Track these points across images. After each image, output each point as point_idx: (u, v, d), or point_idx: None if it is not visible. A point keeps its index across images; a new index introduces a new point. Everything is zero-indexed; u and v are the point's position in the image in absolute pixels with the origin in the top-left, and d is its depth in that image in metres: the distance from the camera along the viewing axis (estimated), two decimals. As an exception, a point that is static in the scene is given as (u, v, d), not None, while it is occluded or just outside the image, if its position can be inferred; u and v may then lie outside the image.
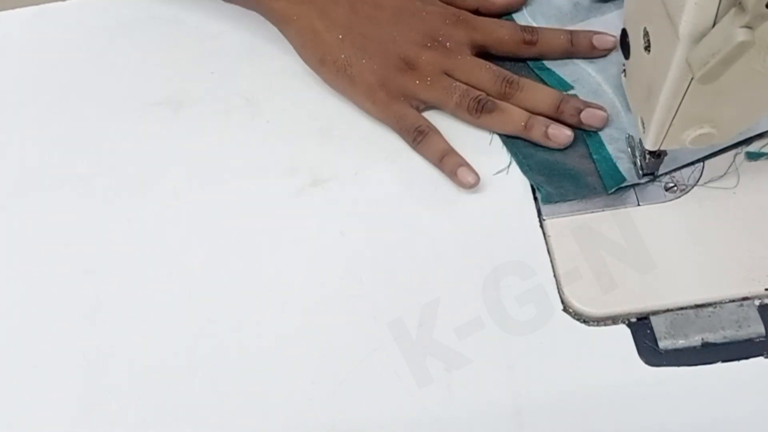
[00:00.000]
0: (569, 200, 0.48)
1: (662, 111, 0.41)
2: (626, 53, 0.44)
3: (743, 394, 0.41)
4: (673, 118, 0.41)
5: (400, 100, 0.52)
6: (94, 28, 0.60)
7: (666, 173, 0.48)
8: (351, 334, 0.44)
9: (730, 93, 0.39)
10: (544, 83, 0.52)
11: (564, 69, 0.53)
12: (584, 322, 0.44)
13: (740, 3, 0.33)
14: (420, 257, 0.47)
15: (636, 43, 0.42)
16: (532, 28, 0.53)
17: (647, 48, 0.41)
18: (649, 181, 0.48)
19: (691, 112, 0.40)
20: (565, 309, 0.45)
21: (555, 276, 0.46)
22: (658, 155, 0.46)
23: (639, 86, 0.43)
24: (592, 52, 0.53)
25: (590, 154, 0.49)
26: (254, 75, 0.56)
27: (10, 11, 0.61)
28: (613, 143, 0.49)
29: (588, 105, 0.50)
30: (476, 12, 0.55)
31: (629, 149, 0.49)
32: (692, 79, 0.37)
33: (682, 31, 0.36)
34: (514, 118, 0.50)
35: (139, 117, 0.54)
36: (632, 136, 0.48)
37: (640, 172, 0.48)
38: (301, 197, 0.50)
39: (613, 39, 0.52)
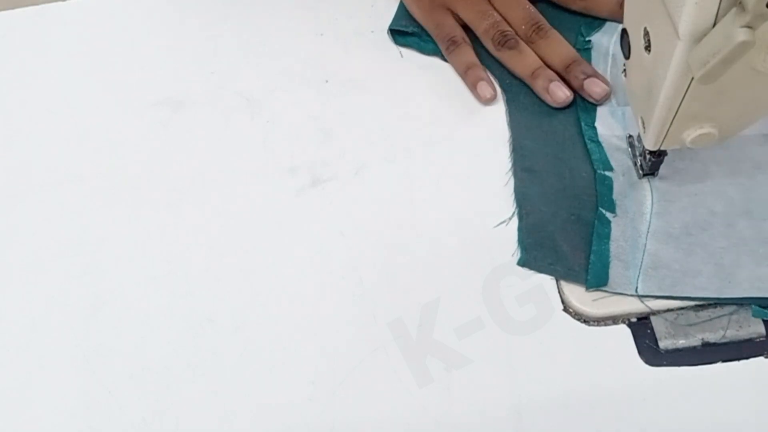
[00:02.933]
0: (541, 273, 0.45)
1: (662, 111, 0.41)
2: (626, 53, 0.44)
3: (743, 394, 0.41)
4: (674, 118, 0.41)
5: (441, 9, 0.55)
6: (94, 28, 0.60)
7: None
8: (351, 334, 0.44)
9: (731, 93, 0.39)
10: (588, 153, 0.49)
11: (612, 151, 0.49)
12: (584, 322, 0.44)
13: (740, 3, 0.33)
14: (420, 257, 0.47)
15: (636, 43, 0.42)
16: None
17: (647, 48, 0.41)
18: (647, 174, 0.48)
19: (691, 112, 0.40)
20: (565, 309, 0.45)
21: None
22: (658, 155, 0.46)
23: (639, 86, 0.43)
24: None
25: (591, 242, 0.46)
26: (254, 75, 0.56)
27: (10, 11, 0.61)
28: (620, 247, 0.45)
29: (596, 74, 0.51)
30: None
31: (629, 149, 0.49)
32: (692, 79, 0.37)
33: (683, 31, 0.36)
34: (526, 62, 0.53)
35: (139, 117, 0.54)
36: (632, 136, 0.48)
37: (641, 172, 0.48)
38: (301, 197, 0.50)
39: None
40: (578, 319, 0.44)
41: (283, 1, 0.60)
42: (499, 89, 0.54)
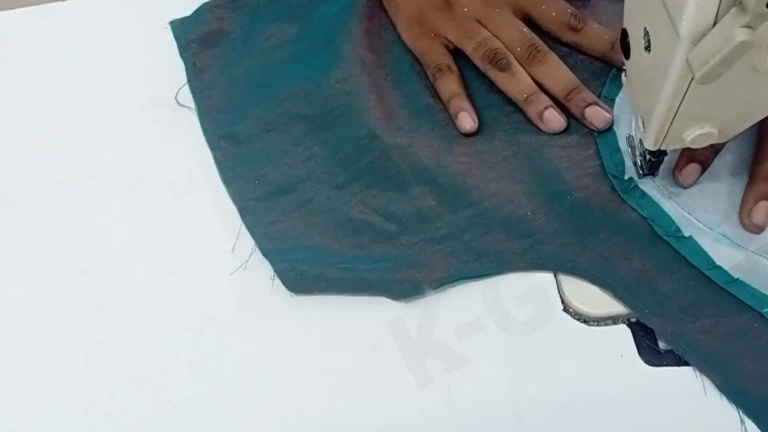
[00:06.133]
0: None
1: (662, 111, 0.41)
2: (626, 53, 0.44)
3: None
4: (674, 118, 0.41)
5: (431, 36, 0.53)
6: (94, 28, 0.60)
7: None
8: (351, 334, 0.44)
9: (731, 93, 0.39)
10: (734, 296, 0.43)
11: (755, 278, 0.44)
12: (584, 322, 0.44)
13: (740, 3, 0.33)
14: (420, 257, 0.47)
15: (636, 43, 0.42)
16: (582, 15, 0.52)
17: (647, 48, 0.40)
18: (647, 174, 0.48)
19: (691, 112, 0.40)
20: (565, 309, 0.45)
21: (555, 276, 0.46)
22: (658, 155, 0.46)
23: (639, 86, 0.43)
24: None
25: None
26: (254, 75, 0.56)
27: (10, 11, 0.61)
28: None
29: (597, 102, 0.49)
30: None
31: (629, 149, 0.49)
32: (692, 79, 0.37)
33: (683, 31, 0.36)
34: (520, 86, 0.50)
35: (139, 117, 0.54)
36: (632, 136, 0.48)
37: (641, 172, 0.48)
38: (301, 197, 0.50)
39: None
40: (578, 319, 0.44)
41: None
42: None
